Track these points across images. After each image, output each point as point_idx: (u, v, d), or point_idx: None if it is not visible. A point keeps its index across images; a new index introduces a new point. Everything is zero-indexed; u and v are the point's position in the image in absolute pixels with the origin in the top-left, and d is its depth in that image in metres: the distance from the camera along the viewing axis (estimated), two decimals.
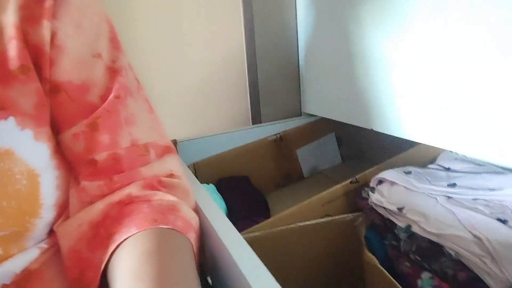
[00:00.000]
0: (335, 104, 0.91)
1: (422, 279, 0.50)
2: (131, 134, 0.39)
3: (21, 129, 0.32)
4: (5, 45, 0.32)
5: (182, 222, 0.37)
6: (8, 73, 0.32)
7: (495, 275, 0.43)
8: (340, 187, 0.68)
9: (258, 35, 1.01)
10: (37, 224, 0.35)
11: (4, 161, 0.31)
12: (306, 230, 0.62)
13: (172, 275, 0.30)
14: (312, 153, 1.08)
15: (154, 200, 0.38)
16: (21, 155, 0.32)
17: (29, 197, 0.33)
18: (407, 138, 0.69)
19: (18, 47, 0.32)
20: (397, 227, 0.59)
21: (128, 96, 0.40)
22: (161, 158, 0.42)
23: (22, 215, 0.33)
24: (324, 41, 0.91)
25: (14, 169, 0.32)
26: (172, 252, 0.33)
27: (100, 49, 0.38)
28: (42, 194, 0.35)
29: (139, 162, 0.40)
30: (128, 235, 0.33)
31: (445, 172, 0.66)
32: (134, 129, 0.40)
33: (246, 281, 0.32)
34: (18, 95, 0.32)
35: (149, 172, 0.40)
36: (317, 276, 0.66)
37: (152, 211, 0.36)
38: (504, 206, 0.53)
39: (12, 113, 0.31)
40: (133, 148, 0.39)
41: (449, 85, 0.58)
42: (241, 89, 1.11)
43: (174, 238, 0.35)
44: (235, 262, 0.35)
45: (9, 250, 0.34)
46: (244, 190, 0.91)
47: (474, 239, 0.48)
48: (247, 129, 1.01)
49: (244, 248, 0.37)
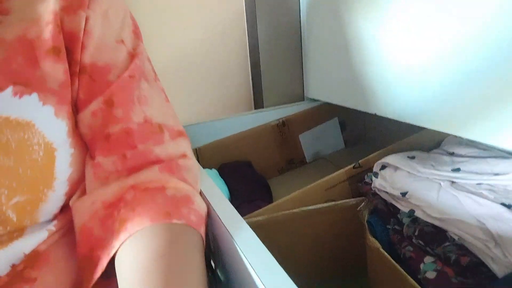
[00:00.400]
0: (338, 89, 0.90)
1: (424, 263, 0.50)
2: (144, 112, 0.41)
3: (43, 104, 0.35)
4: (42, 28, 0.35)
5: (195, 216, 0.38)
6: (40, 54, 0.35)
7: (498, 259, 0.43)
8: (343, 172, 0.68)
9: (260, 18, 0.99)
10: (49, 196, 0.37)
11: (25, 132, 0.34)
12: (309, 215, 0.62)
13: (182, 278, 0.32)
14: (315, 138, 1.07)
15: (169, 188, 0.39)
16: (41, 129, 0.35)
17: (44, 169, 0.35)
18: (411, 123, 0.68)
19: (53, 31, 0.35)
20: (400, 212, 0.59)
21: (143, 78, 0.43)
22: (176, 140, 0.44)
23: (36, 184, 0.35)
24: (327, 25, 0.89)
25: (33, 140, 0.34)
26: (184, 253, 0.35)
27: (123, 36, 0.42)
28: (56, 168, 0.37)
29: (152, 139, 0.41)
30: (141, 227, 0.35)
31: (449, 157, 0.65)
32: (147, 108, 0.42)
33: (249, 266, 0.32)
34: (46, 74, 0.35)
35: (162, 152, 0.41)
36: (320, 260, 0.66)
37: (166, 202, 0.37)
38: (508, 190, 0.52)
39: (36, 89, 0.34)
40: (146, 125, 0.41)
41: (452, 70, 0.57)
42: (243, 74, 1.10)
43: (187, 235, 0.37)
44: (238, 246, 0.35)
45: (22, 220, 0.35)
46: (247, 175, 0.91)
47: (478, 224, 0.47)
48: (249, 114, 1.00)
49: (246, 233, 0.37)
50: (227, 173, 0.90)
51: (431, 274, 0.48)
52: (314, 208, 0.62)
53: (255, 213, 0.61)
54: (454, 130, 0.60)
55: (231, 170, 0.92)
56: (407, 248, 0.54)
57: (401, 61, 0.67)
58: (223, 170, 0.92)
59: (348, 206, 0.63)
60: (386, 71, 0.72)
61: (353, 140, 1.14)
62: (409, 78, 0.66)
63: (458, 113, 0.58)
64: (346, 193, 0.68)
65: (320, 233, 0.64)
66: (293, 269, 0.33)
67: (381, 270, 0.55)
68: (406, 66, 0.66)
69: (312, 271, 0.66)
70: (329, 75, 0.93)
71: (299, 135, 1.04)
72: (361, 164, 0.69)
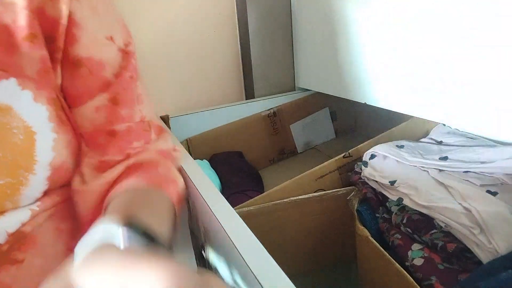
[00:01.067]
0: (329, 79, 0.90)
1: (412, 250, 0.51)
2: (141, 111, 0.45)
3: (22, 89, 0.35)
4: (17, 14, 0.35)
5: (177, 198, 0.42)
6: (16, 41, 0.35)
7: (483, 245, 0.44)
8: (333, 162, 0.68)
9: (250, 7, 0.98)
10: (30, 180, 0.37)
11: (4, 116, 0.34)
12: (299, 204, 0.62)
13: (158, 210, 0.37)
14: (305, 128, 1.08)
15: (161, 166, 0.44)
16: (20, 113, 0.35)
17: (24, 152, 0.36)
18: (400, 112, 0.69)
19: (28, 17, 0.35)
20: (389, 200, 0.60)
21: (138, 78, 0.45)
22: (162, 135, 0.48)
23: (17, 167, 0.36)
24: (318, 15, 0.89)
25: (12, 124, 0.34)
26: (164, 206, 0.39)
27: (113, 32, 0.42)
28: (37, 151, 0.37)
29: (144, 136, 0.45)
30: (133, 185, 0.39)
31: (437, 146, 0.66)
32: (143, 107, 0.45)
33: (240, 255, 0.32)
34: (22, 61, 0.35)
35: (155, 148, 0.46)
36: (310, 249, 0.67)
37: (157, 176, 0.42)
38: (494, 178, 0.54)
39: (14, 75, 0.34)
40: (141, 123, 0.45)
41: (440, 59, 0.57)
42: (234, 64, 1.09)
43: (170, 204, 0.40)
44: (229, 236, 0.35)
45: (4, 204, 0.36)
46: (238, 166, 0.91)
47: (463, 211, 0.48)
48: (240, 104, 1.00)
49: (237, 223, 0.37)
50: (218, 164, 0.90)
51: (418, 261, 0.49)
52: (304, 198, 0.62)
53: (246, 203, 0.61)
54: (442, 119, 0.61)
55: (222, 160, 0.92)
56: (395, 236, 0.55)
57: (390, 51, 0.68)
58: (214, 160, 0.92)
59: (338, 195, 0.63)
60: (376, 61, 0.72)
61: (344, 130, 1.15)
62: (398, 68, 0.67)
63: (447, 102, 0.59)
64: (336, 182, 0.69)
65: (311, 222, 0.64)
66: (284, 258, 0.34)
67: (370, 258, 0.56)
68: (395, 56, 0.67)
69: (302, 260, 0.67)
70: (320, 65, 0.93)
71: (290, 125, 1.04)
72: (351, 154, 0.70)
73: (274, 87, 1.08)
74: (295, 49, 1.06)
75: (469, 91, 0.55)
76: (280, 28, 1.04)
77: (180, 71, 1.03)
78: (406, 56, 0.64)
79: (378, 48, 0.71)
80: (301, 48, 1.03)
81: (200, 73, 1.06)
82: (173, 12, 0.97)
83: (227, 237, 0.35)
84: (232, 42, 1.07)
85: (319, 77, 0.96)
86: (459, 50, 0.55)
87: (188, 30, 1.01)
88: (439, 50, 0.58)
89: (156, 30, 0.97)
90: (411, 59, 0.64)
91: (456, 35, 0.55)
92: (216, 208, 0.40)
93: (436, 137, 0.69)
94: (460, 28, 0.54)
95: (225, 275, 0.41)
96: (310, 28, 0.95)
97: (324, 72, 0.92)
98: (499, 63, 0.49)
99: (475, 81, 0.53)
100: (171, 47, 1.00)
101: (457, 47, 0.55)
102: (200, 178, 0.48)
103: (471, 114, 0.55)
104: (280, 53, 1.07)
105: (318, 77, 0.96)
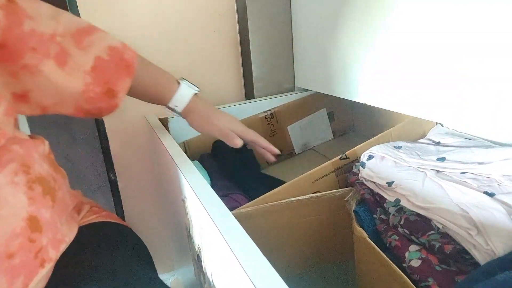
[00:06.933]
0: (328, 78, 0.90)
1: (409, 252, 0.51)
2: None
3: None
4: None
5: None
6: None
7: (480, 247, 0.44)
8: (329, 164, 0.68)
9: (250, 8, 0.98)
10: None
11: None
12: (296, 205, 0.62)
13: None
14: (303, 130, 1.07)
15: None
16: None
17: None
18: (398, 112, 0.69)
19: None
20: (386, 201, 0.59)
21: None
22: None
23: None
24: (317, 15, 0.89)
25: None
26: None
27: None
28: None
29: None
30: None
31: (435, 147, 0.66)
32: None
33: (235, 257, 0.32)
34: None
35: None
36: (307, 250, 0.67)
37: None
38: (491, 179, 0.53)
39: None
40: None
41: (439, 60, 0.57)
42: (234, 65, 1.09)
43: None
44: (224, 238, 0.35)
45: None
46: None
47: (461, 212, 0.48)
48: (240, 104, 1.00)
49: (232, 224, 0.37)
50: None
51: (415, 262, 0.49)
52: (301, 199, 0.62)
53: (246, 205, 0.61)
54: (440, 119, 0.61)
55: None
56: (392, 237, 0.54)
57: (389, 51, 0.68)
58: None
59: (335, 196, 0.63)
60: (375, 61, 0.72)
61: (342, 130, 1.15)
62: (397, 68, 0.67)
63: (445, 103, 0.59)
64: (333, 184, 0.68)
65: (308, 224, 0.64)
66: (281, 259, 0.34)
67: (367, 259, 0.56)
68: (394, 56, 0.67)
69: (300, 261, 0.67)
70: (319, 65, 0.93)
71: (287, 126, 1.04)
72: (348, 155, 0.70)
73: (273, 87, 1.08)
74: (295, 49, 1.06)
75: (467, 92, 0.54)
76: (280, 28, 1.04)
77: (180, 71, 1.02)
78: (405, 56, 0.64)
79: (377, 48, 0.70)
80: (300, 48, 1.03)
81: (200, 73, 1.06)
82: (173, 12, 0.97)
83: (222, 239, 0.35)
84: (232, 42, 1.07)
85: (318, 76, 0.95)
86: (457, 51, 0.55)
87: (188, 30, 1.00)
88: (438, 50, 0.58)
89: (155, 30, 0.97)
90: (407, 59, 0.63)
91: (454, 36, 0.54)
92: (211, 209, 0.40)
93: (434, 138, 0.69)
94: (459, 28, 0.54)
95: (220, 276, 0.41)
96: (309, 28, 0.95)
97: (323, 72, 0.92)
98: (498, 64, 0.49)
99: (474, 82, 0.53)
100: (170, 47, 1.00)
101: (456, 48, 0.55)
102: (196, 179, 0.48)
103: (469, 115, 0.55)
104: (280, 53, 1.06)
105: (317, 77, 0.96)
